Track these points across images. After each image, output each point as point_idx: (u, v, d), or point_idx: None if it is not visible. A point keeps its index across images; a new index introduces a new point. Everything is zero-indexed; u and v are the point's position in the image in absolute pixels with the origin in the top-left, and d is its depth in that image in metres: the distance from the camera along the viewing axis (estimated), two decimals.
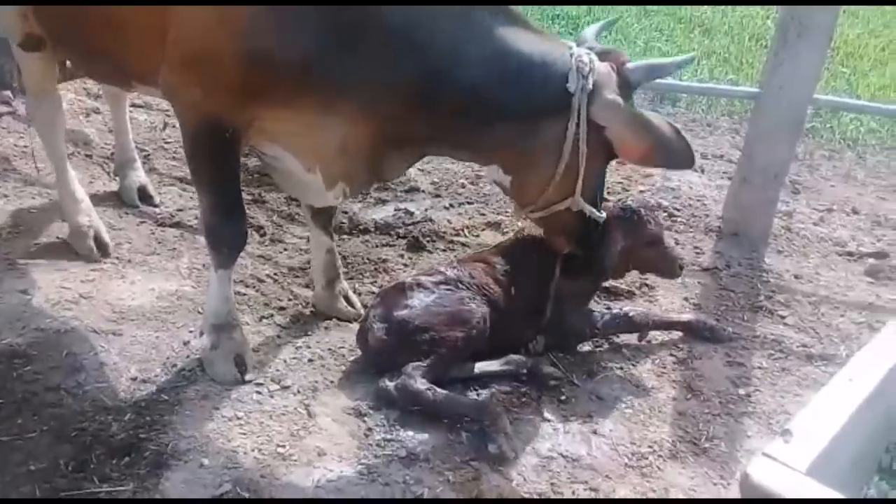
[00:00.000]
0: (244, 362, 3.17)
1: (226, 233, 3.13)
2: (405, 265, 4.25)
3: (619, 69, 2.92)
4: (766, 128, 4.44)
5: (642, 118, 2.94)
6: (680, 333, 3.71)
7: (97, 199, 4.22)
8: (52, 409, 2.84)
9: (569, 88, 2.84)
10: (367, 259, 4.28)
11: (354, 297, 3.83)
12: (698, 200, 5.08)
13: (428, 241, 4.48)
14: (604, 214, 3.29)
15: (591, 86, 2.84)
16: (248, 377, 3.14)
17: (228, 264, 3.20)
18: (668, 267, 3.63)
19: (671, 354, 3.59)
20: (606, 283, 4.00)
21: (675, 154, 2.95)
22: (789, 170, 4.87)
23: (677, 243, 4.51)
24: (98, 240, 3.85)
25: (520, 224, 4.37)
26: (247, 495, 2.56)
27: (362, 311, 3.69)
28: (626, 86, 2.95)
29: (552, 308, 3.50)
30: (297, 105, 2.83)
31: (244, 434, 2.85)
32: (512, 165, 3.08)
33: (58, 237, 3.94)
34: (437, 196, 5.11)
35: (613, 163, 5.13)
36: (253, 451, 2.77)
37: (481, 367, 3.32)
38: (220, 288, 3.22)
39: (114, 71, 3.37)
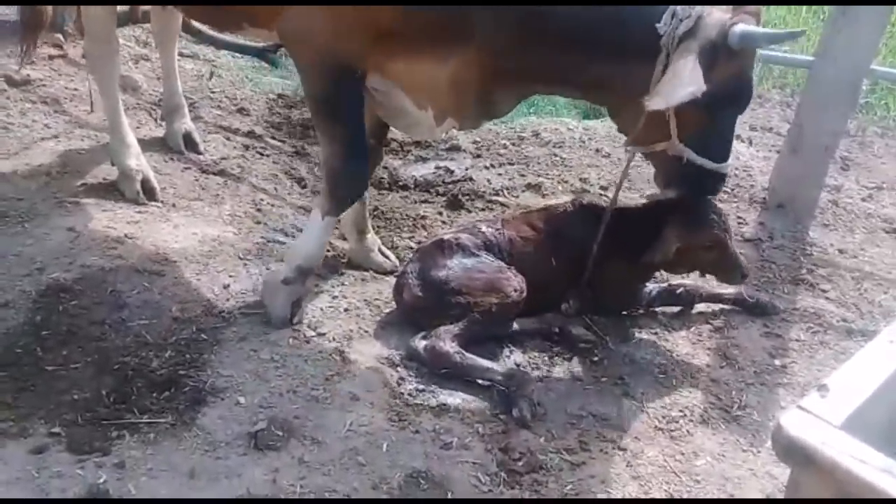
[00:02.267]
0: (299, 306, 3.25)
1: (352, 178, 3.14)
2: (443, 222, 4.26)
3: (728, 26, 2.75)
4: (819, 97, 4.33)
5: (685, 83, 2.70)
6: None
7: (143, 144, 4.27)
8: (96, 342, 2.93)
9: (658, 30, 2.77)
10: (406, 215, 4.30)
11: (388, 251, 3.87)
12: (744, 171, 4.99)
13: (467, 200, 4.48)
14: (718, 165, 3.07)
15: (681, 31, 2.73)
16: (294, 320, 3.22)
17: (340, 212, 3.25)
18: (730, 274, 3.36)
19: (707, 322, 3.56)
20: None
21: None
22: (840, 144, 4.75)
23: (745, 277, 4.40)
24: (145, 184, 3.93)
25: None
26: (280, 434, 2.62)
27: (398, 264, 3.74)
28: (725, 45, 2.77)
29: (602, 287, 3.41)
30: (423, 46, 2.88)
31: (280, 376, 2.91)
32: (614, 104, 3.12)
33: (104, 179, 4.02)
34: (478, 156, 5.09)
35: None
36: (288, 392, 2.83)
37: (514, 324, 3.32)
38: (322, 234, 3.25)
39: (225, 11, 3.33)
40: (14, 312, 3.00)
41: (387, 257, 3.82)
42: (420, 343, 3.10)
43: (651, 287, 3.56)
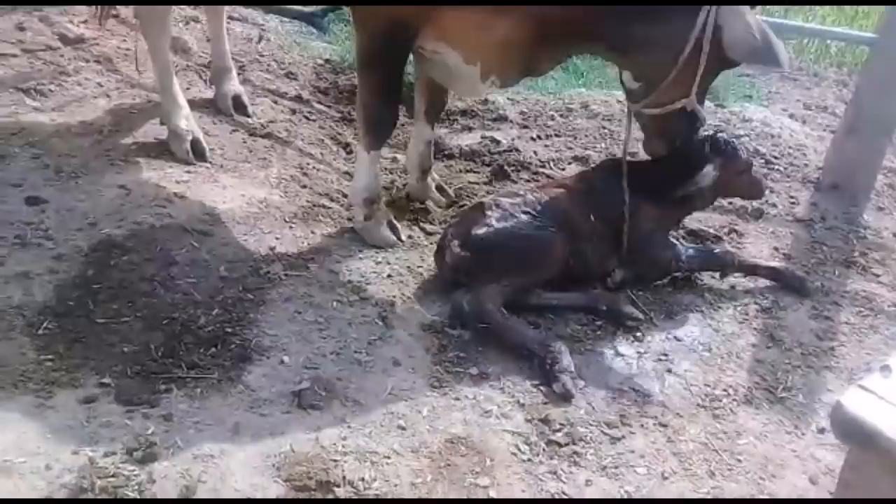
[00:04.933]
0: (395, 226, 3.67)
1: (385, 119, 3.49)
2: (488, 192, 4.22)
3: None
4: (881, 76, 4.19)
5: (749, 23, 2.99)
6: (767, 281, 3.60)
7: (193, 106, 4.30)
8: (145, 298, 2.97)
9: None
10: (450, 184, 4.27)
11: (447, 187, 4.07)
12: (798, 150, 4.86)
13: (512, 171, 4.43)
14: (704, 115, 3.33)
15: None
16: (402, 237, 3.65)
17: (380, 146, 3.59)
18: (757, 190, 3.68)
19: (755, 302, 3.49)
20: (693, 227, 3.92)
21: (766, 55, 3.03)
22: None
23: (772, 192, 4.35)
24: (195, 145, 3.97)
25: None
26: (323, 394, 2.65)
27: (454, 197, 4.02)
28: None
29: (634, 237, 3.41)
30: (476, 6, 3.06)
31: (324, 338, 2.94)
32: (641, 66, 3.22)
33: (155, 138, 4.06)
34: (525, 126, 5.04)
35: (713, 105, 4.97)
36: (331, 354, 2.86)
37: (561, 298, 3.31)
38: (371, 166, 3.61)
39: None
40: (67, 265, 3.06)
41: (444, 194, 4.05)
42: (464, 297, 3.11)
43: (687, 246, 3.59)
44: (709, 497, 2.51)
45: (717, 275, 3.59)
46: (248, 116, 4.55)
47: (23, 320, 2.79)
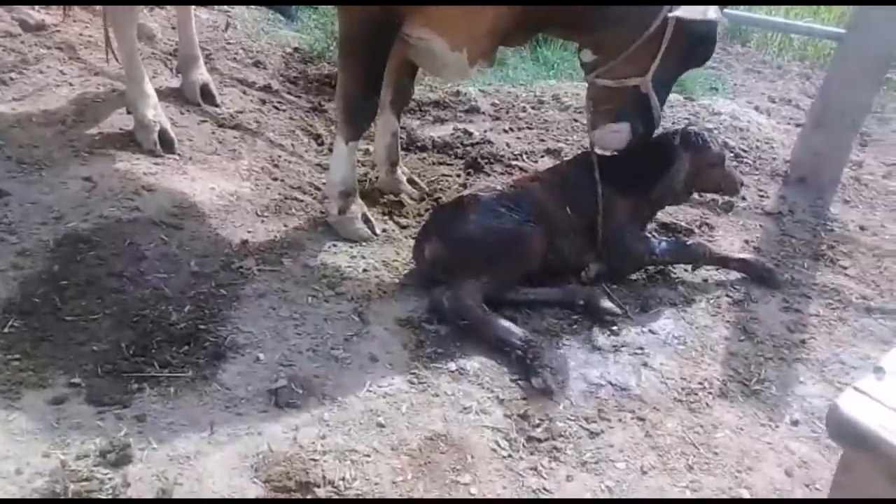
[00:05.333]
0: (369, 219, 3.61)
1: (365, 109, 3.42)
2: (462, 185, 4.21)
3: None
4: (848, 71, 4.25)
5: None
6: (738, 274, 3.65)
7: (159, 95, 4.19)
8: (114, 294, 2.89)
9: None
10: (423, 176, 4.25)
11: (418, 180, 4.04)
12: (766, 143, 4.93)
13: (485, 164, 4.42)
14: (661, 113, 3.35)
15: None
16: (377, 231, 3.60)
17: (358, 136, 3.51)
18: (731, 185, 3.67)
19: (727, 295, 3.53)
20: (666, 219, 3.95)
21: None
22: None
23: (742, 185, 4.40)
24: (163, 135, 3.87)
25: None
26: (300, 392, 2.61)
27: (427, 190, 3.97)
28: None
29: (607, 230, 3.42)
30: None
31: (299, 335, 2.89)
32: (605, 40, 3.22)
33: (121, 129, 3.95)
34: (497, 119, 5.03)
35: (682, 97, 5.01)
36: (308, 351, 2.82)
37: (538, 293, 3.30)
38: (349, 158, 3.54)
39: None
40: (32, 261, 2.97)
41: (416, 186, 4.02)
42: (444, 294, 3.08)
43: (660, 240, 3.61)
44: (688, 492, 2.52)
45: (689, 267, 3.62)
46: (217, 106, 4.47)
47: None
